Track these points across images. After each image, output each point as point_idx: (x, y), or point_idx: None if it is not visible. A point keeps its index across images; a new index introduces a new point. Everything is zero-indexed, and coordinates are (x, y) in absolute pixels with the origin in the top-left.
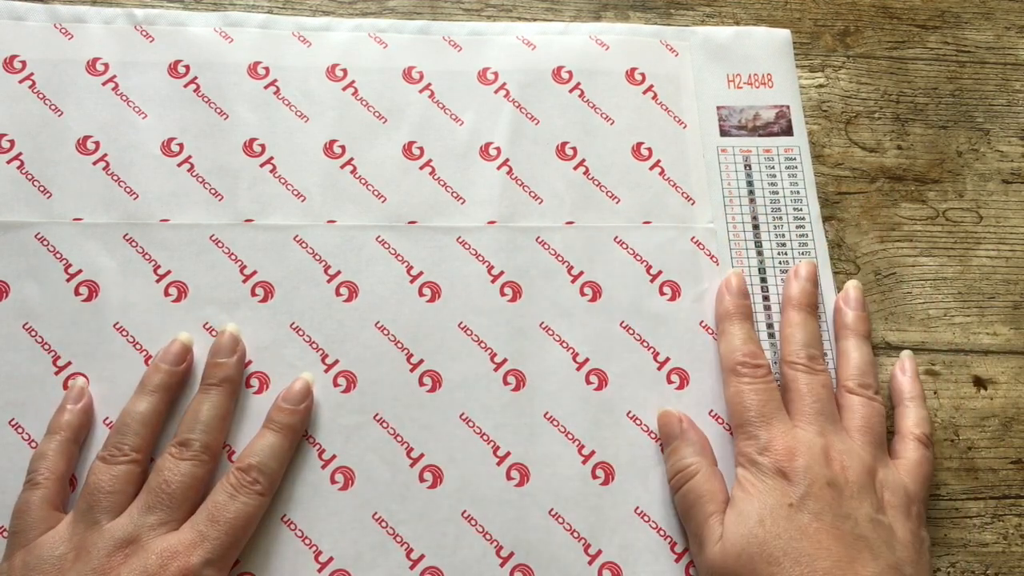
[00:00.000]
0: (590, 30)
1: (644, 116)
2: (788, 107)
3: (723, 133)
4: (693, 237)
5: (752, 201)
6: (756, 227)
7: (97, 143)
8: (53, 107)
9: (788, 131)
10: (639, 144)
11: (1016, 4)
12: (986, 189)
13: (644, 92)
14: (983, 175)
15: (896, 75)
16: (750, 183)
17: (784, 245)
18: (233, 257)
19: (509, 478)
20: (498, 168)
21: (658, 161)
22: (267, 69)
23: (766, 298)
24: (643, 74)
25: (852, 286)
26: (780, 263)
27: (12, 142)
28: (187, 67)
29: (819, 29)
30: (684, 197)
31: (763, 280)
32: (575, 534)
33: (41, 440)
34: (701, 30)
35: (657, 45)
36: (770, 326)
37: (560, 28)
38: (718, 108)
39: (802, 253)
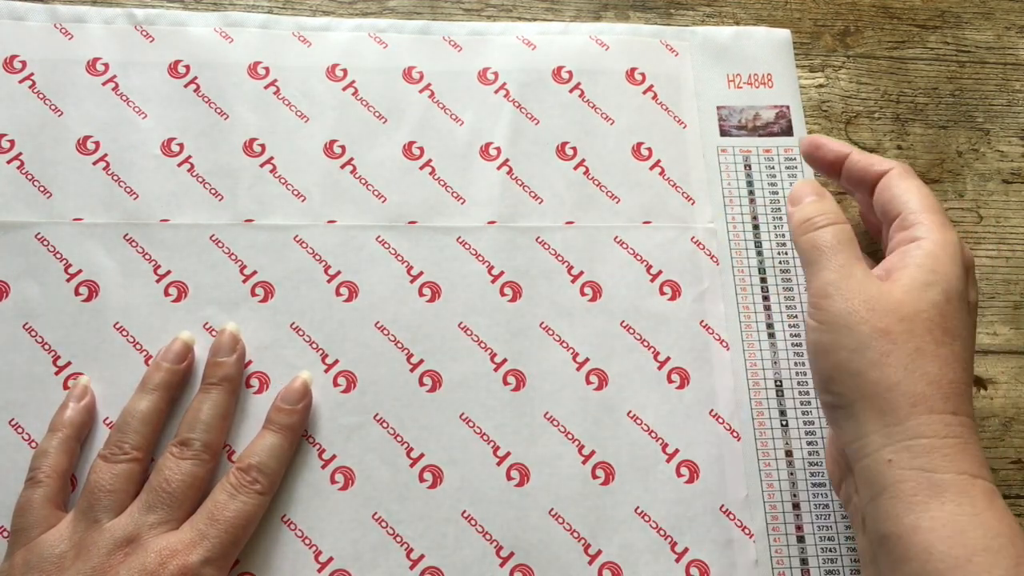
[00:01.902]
0: (590, 30)
1: (644, 116)
2: (788, 107)
3: (723, 133)
4: (693, 237)
5: (752, 201)
6: (756, 227)
7: (97, 143)
8: (53, 107)
9: (788, 131)
10: (639, 144)
11: (1016, 4)
12: (986, 189)
13: (644, 92)
14: (983, 175)
15: (896, 75)
16: (750, 183)
17: (784, 245)
18: (233, 257)
19: (509, 478)
20: (498, 168)
21: (658, 161)
22: (267, 69)
23: (766, 298)
24: (643, 74)
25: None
26: (780, 263)
27: (12, 142)
28: (187, 67)
29: (819, 29)
30: (684, 197)
31: (763, 280)
32: (575, 534)
33: (42, 438)
34: (701, 30)
35: (657, 45)
36: (770, 326)
37: (560, 28)
38: (718, 108)
39: None
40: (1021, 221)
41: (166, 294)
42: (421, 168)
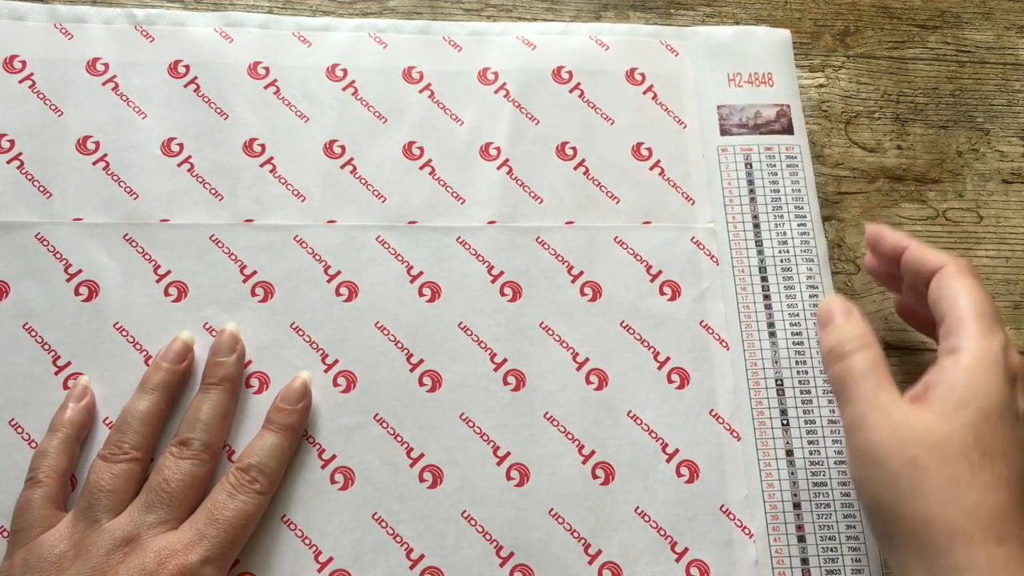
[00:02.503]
0: (590, 30)
1: (644, 116)
2: (788, 106)
3: (723, 132)
4: (693, 237)
5: (753, 200)
6: (757, 226)
7: (97, 143)
8: (53, 107)
9: (789, 129)
10: (639, 144)
11: (1016, 4)
12: (986, 189)
13: (644, 92)
14: (983, 175)
15: (896, 75)
16: (751, 182)
17: (785, 244)
18: (233, 257)
19: (509, 478)
20: (498, 168)
21: (658, 161)
22: (267, 69)
23: (767, 297)
24: (643, 74)
25: None
26: (781, 261)
27: (12, 142)
28: (187, 67)
29: (819, 29)
30: (684, 197)
31: (764, 279)
32: (575, 534)
33: (43, 438)
34: (701, 29)
35: (657, 45)
36: (771, 325)
37: (560, 28)
38: (718, 107)
39: (804, 251)
40: (1021, 221)
41: (166, 294)
42: (421, 168)
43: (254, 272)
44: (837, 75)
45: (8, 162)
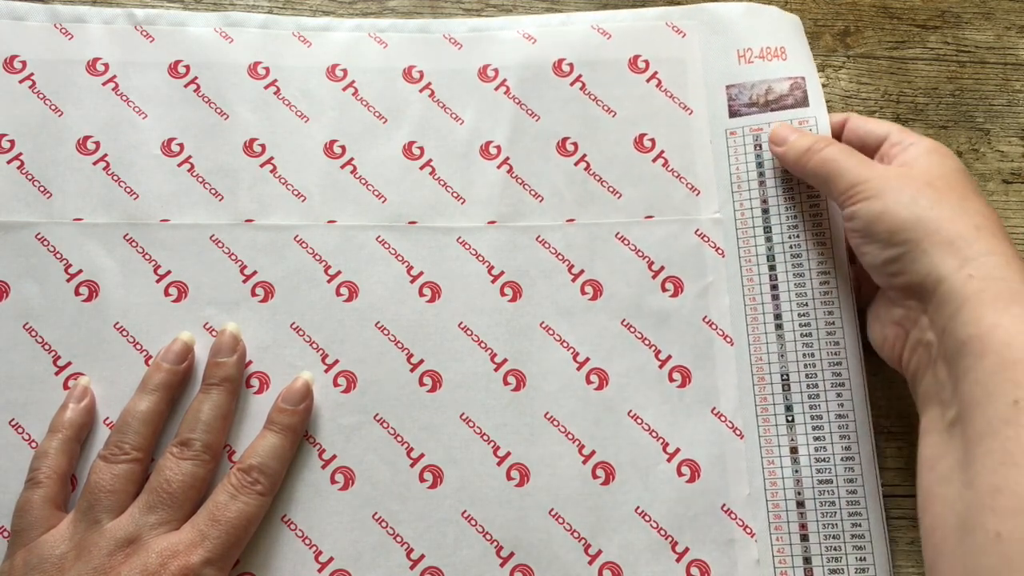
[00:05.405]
0: (592, 19)
1: (647, 105)
2: (803, 78)
3: (732, 114)
4: (697, 229)
5: (762, 183)
6: (766, 211)
7: (97, 143)
8: (53, 107)
9: (804, 103)
10: (641, 136)
11: (1016, 4)
12: (986, 189)
13: (648, 80)
14: (983, 175)
15: (896, 75)
16: (760, 164)
17: (795, 228)
18: (233, 257)
19: (509, 478)
20: (498, 167)
21: (661, 152)
22: (267, 69)
23: (774, 287)
24: (646, 61)
25: None
26: (791, 247)
27: (12, 142)
28: (187, 67)
29: (819, 29)
30: (689, 188)
31: (772, 268)
32: (575, 534)
33: (42, 439)
34: (710, 7)
35: (663, 27)
36: (778, 317)
37: (561, 19)
38: (727, 87)
39: (816, 234)
40: (1021, 221)
41: (166, 294)
42: (421, 168)
43: (254, 272)
44: (837, 75)
45: (8, 162)
